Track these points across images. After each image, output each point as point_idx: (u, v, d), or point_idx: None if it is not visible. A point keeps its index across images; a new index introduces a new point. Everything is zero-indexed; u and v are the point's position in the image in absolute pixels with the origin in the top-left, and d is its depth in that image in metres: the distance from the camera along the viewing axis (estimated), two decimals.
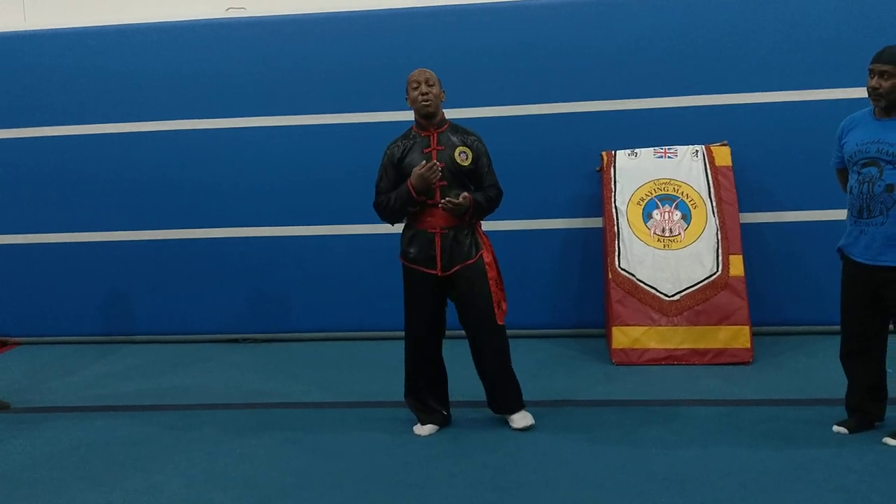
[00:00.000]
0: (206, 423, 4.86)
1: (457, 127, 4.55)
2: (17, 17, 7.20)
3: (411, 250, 4.46)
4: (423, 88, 4.37)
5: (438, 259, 4.40)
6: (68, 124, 6.92)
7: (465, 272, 4.42)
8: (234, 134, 6.81)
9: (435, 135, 4.45)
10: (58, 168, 6.96)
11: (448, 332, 4.69)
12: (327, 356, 6.39)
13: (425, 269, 4.43)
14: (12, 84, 6.94)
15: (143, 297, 7.02)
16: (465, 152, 4.43)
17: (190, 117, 6.83)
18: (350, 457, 4.22)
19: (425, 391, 4.60)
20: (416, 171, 4.27)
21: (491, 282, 4.45)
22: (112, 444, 4.53)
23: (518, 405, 4.58)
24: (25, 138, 6.96)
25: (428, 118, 4.44)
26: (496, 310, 4.46)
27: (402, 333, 6.46)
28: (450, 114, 6.34)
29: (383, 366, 5.98)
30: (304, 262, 6.85)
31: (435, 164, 4.29)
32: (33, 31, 6.97)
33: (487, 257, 4.47)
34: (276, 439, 4.53)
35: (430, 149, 4.41)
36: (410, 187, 4.30)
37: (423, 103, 4.38)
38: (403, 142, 4.50)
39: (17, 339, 7.19)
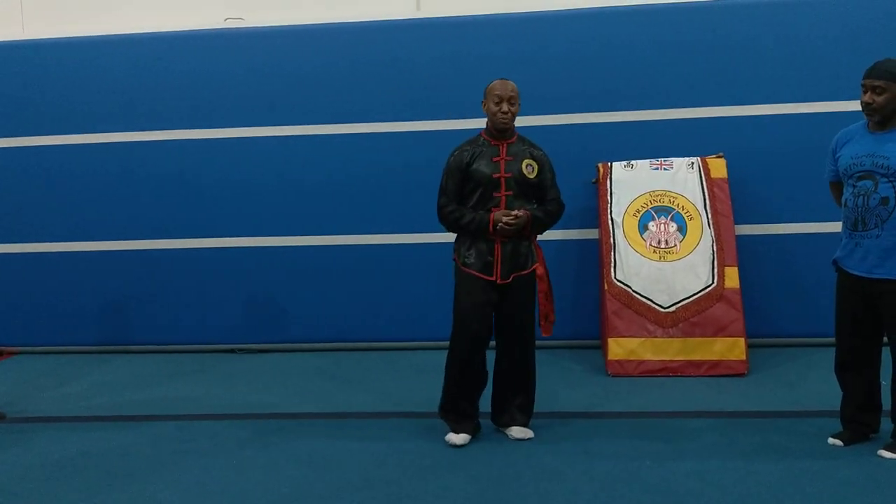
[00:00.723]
0: (201, 433, 4.84)
1: (524, 139, 4.58)
2: (15, 27, 7.22)
3: (470, 257, 4.45)
4: (505, 107, 4.39)
5: (498, 267, 4.41)
6: (65, 134, 6.93)
7: (518, 282, 4.45)
8: (231, 144, 6.83)
9: (505, 145, 4.47)
10: (54, 177, 6.97)
11: None
12: (322, 367, 6.39)
13: (484, 276, 4.42)
14: (10, 93, 6.95)
15: (139, 307, 7.01)
16: (531, 165, 4.47)
17: (187, 127, 6.86)
18: (345, 468, 4.20)
19: (463, 399, 4.53)
20: (504, 219, 4.32)
21: (540, 295, 4.54)
22: (106, 455, 4.50)
23: (526, 420, 4.61)
24: (23, 147, 6.98)
25: (502, 132, 4.47)
26: (543, 321, 4.57)
27: (398, 344, 6.50)
28: (453, 124, 6.43)
29: (379, 377, 5.99)
30: (299, 272, 6.86)
31: (518, 216, 4.33)
32: (32, 40, 6.99)
33: (540, 270, 4.52)
34: (270, 450, 4.51)
35: (499, 158, 4.43)
36: (491, 224, 4.34)
37: (502, 120, 4.41)
38: (471, 147, 4.50)
39: (12, 349, 7.17)
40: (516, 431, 4.53)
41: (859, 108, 4.12)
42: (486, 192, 4.43)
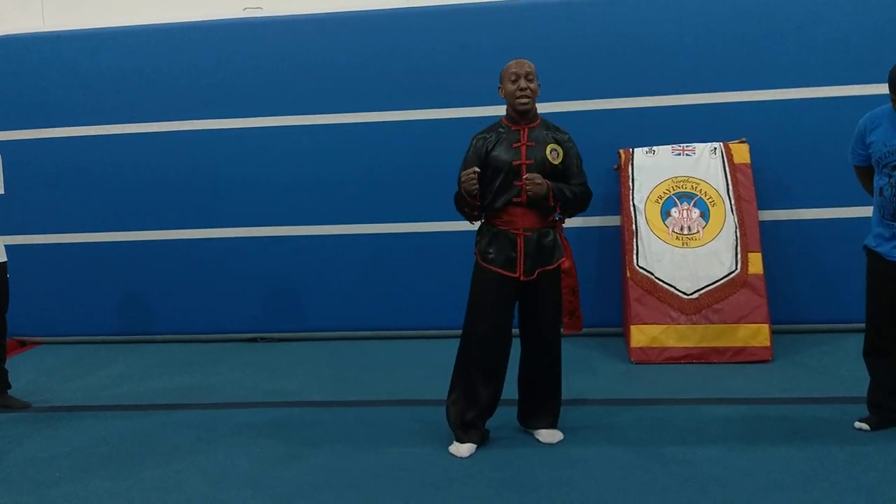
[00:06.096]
0: (224, 421, 4.86)
1: (548, 123, 4.25)
2: (35, 19, 7.25)
3: (490, 251, 4.15)
4: (522, 84, 4.08)
5: (520, 262, 4.10)
6: (86, 125, 6.96)
7: (543, 278, 4.15)
8: (251, 134, 6.83)
9: (526, 130, 4.16)
10: (76, 169, 7.00)
11: None
12: (343, 355, 6.39)
13: (505, 272, 4.12)
14: (31, 85, 6.98)
15: (161, 296, 7.04)
16: (556, 150, 4.14)
17: (207, 117, 6.86)
18: (367, 456, 4.21)
19: (470, 412, 4.21)
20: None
21: (566, 290, 4.23)
22: (130, 442, 4.54)
23: (554, 422, 4.38)
24: (45, 139, 7.01)
25: (522, 115, 4.17)
26: (567, 318, 4.28)
27: (417, 332, 6.49)
28: (467, 112, 6.40)
29: (400, 365, 5.99)
30: (319, 261, 6.86)
31: (471, 171, 4.02)
32: (51, 32, 7.01)
33: (567, 264, 4.20)
34: (292, 438, 4.52)
35: (519, 143, 4.12)
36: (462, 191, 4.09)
37: (521, 100, 4.10)
38: (491, 134, 4.20)
39: (36, 339, 7.22)
40: (544, 435, 4.32)
41: (883, 91, 4.05)
42: (506, 180, 4.11)
